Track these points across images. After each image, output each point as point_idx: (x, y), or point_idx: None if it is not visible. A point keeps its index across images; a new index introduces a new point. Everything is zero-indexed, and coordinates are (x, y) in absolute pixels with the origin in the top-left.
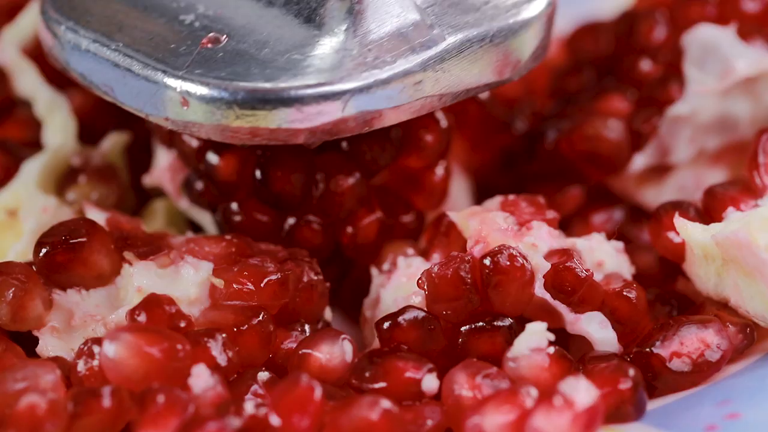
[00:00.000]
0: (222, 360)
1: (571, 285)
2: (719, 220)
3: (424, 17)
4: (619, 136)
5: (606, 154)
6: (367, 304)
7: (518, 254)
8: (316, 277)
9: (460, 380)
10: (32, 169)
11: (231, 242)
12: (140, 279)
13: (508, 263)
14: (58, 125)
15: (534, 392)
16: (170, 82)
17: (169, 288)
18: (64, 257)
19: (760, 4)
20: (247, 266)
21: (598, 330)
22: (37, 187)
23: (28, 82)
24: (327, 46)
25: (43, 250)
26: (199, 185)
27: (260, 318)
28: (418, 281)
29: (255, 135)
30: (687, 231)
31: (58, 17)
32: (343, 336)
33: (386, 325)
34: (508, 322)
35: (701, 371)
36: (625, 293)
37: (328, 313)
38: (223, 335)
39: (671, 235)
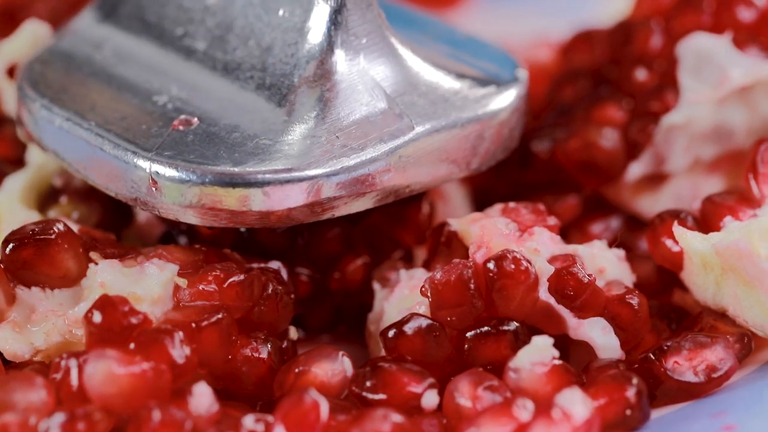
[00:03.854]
0: (179, 357)
1: (574, 290)
2: (717, 229)
3: (393, 106)
4: (614, 145)
5: (601, 163)
6: (372, 318)
7: (522, 258)
8: (281, 288)
9: (462, 389)
10: (15, 184)
11: (200, 250)
12: (104, 275)
13: (513, 267)
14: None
15: (530, 405)
16: (140, 163)
17: (133, 286)
18: (29, 253)
19: (755, 13)
20: (211, 268)
21: (600, 336)
22: (20, 202)
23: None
24: (296, 132)
25: (10, 245)
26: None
27: (220, 315)
28: (421, 289)
29: (221, 218)
30: (686, 240)
31: (33, 94)
32: (341, 352)
33: (391, 333)
34: (513, 326)
35: (703, 384)
36: (627, 299)
37: (293, 333)
38: (181, 333)
39: (669, 243)
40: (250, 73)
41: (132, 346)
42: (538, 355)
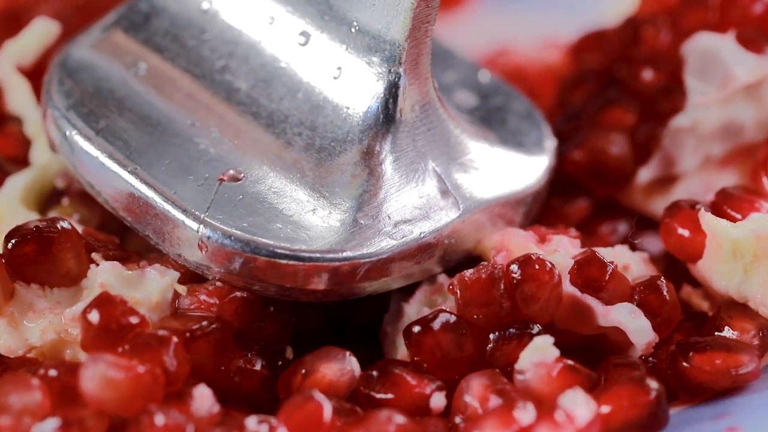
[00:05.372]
0: (171, 364)
1: (597, 276)
2: (732, 218)
3: (441, 184)
4: (622, 151)
5: (610, 169)
6: (388, 319)
7: (546, 260)
8: (282, 312)
9: (473, 388)
10: (17, 184)
11: None
12: (104, 276)
13: (537, 268)
14: (46, 145)
15: (531, 408)
16: (190, 223)
17: (132, 290)
18: (31, 249)
19: (761, 7)
20: (214, 282)
21: (630, 320)
22: (20, 202)
23: (20, 100)
24: (347, 207)
25: (13, 241)
26: None
27: (215, 326)
28: (449, 286)
29: (267, 289)
30: (717, 226)
31: (69, 116)
32: (348, 352)
33: (416, 329)
34: (537, 329)
35: (725, 385)
36: (656, 283)
37: (290, 353)
38: (175, 339)
39: (685, 232)
40: (298, 129)
41: (126, 347)
42: (538, 354)
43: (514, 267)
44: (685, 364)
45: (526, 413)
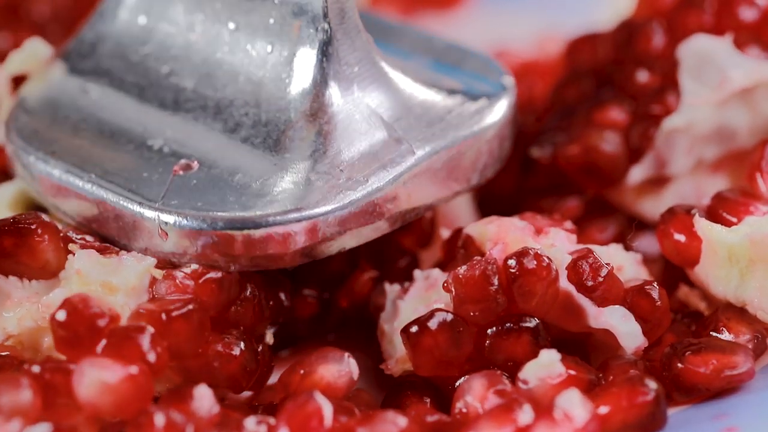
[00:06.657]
0: (152, 357)
1: (593, 277)
2: (727, 223)
3: (392, 132)
4: (615, 149)
5: (602, 167)
6: (384, 317)
7: (543, 255)
8: (260, 293)
9: (474, 388)
10: (5, 193)
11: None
12: (81, 263)
13: (535, 264)
14: None
15: (529, 409)
16: (147, 213)
17: (109, 276)
18: (9, 242)
19: (756, 12)
20: (190, 265)
21: (621, 323)
22: (10, 211)
23: None
24: (299, 169)
25: None
26: None
27: (191, 306)
28: (443, 284)
29: (234, 262)
30: (711, 232)
31: (26, 146)
32: (347, 354)
33: (414, 329)
34: (534, 323)
35: (720, 386)
36: (647, 289)
37: (269, 337)
38: (152, 330)
39: (681, 237)
40: (244, 110)
41: (101, 347)
42: (544, 370)
43: (512, 262)
44: (679, 365)
45: (524, 414)
